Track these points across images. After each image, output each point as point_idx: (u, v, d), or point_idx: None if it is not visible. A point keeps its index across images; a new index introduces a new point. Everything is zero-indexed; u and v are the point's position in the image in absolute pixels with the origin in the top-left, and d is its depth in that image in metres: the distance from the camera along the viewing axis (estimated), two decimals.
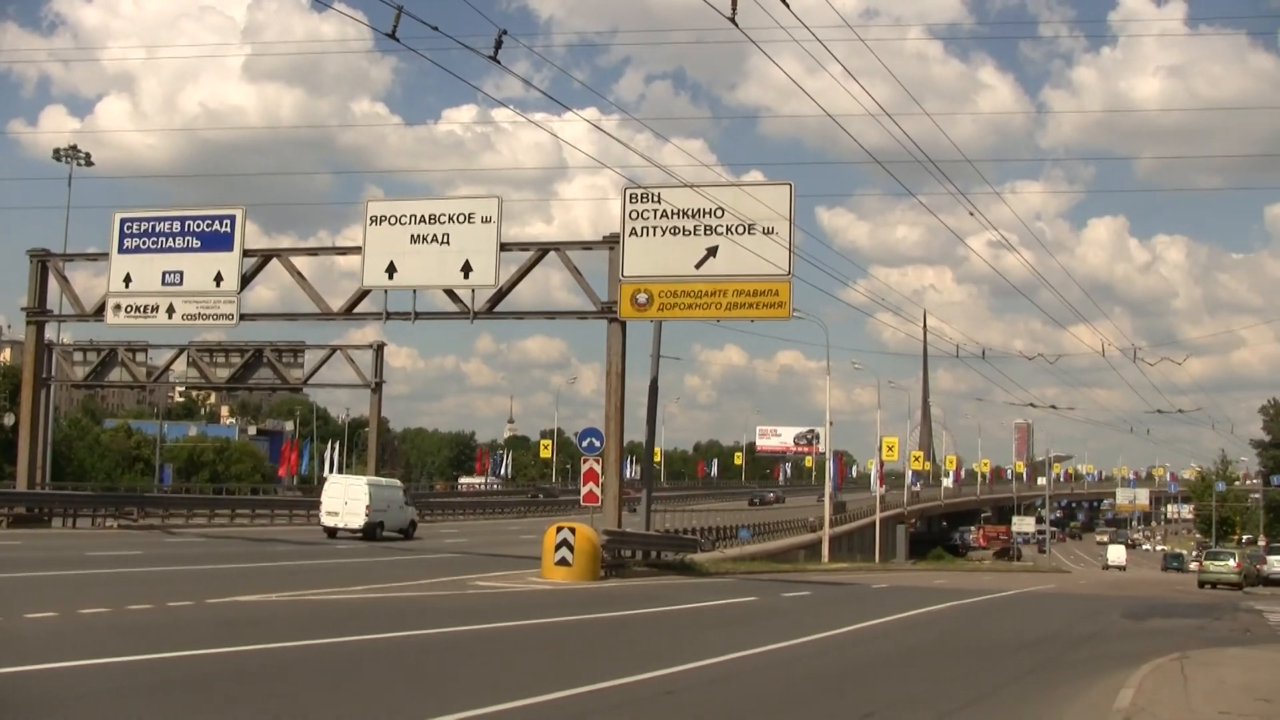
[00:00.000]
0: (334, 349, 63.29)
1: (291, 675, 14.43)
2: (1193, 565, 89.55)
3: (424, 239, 40.44)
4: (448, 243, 40.18)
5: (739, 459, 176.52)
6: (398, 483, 60.13)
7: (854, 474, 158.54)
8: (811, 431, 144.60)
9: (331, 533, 49.03)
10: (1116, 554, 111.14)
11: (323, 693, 13.30)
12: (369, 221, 41.13)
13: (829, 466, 79.43)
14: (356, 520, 48.65)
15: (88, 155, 72.33)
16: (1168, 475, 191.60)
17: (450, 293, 41.09)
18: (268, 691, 13.03)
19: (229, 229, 43.29)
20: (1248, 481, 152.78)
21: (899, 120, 26.14)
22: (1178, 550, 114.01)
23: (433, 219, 40.57)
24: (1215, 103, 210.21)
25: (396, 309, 41.82)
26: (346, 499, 49.54)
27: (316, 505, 53.36)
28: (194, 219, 43.79)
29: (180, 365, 55.46)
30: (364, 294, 41.93)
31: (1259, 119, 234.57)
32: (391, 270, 40.60)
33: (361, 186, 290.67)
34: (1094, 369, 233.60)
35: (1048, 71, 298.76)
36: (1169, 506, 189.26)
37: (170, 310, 43.26)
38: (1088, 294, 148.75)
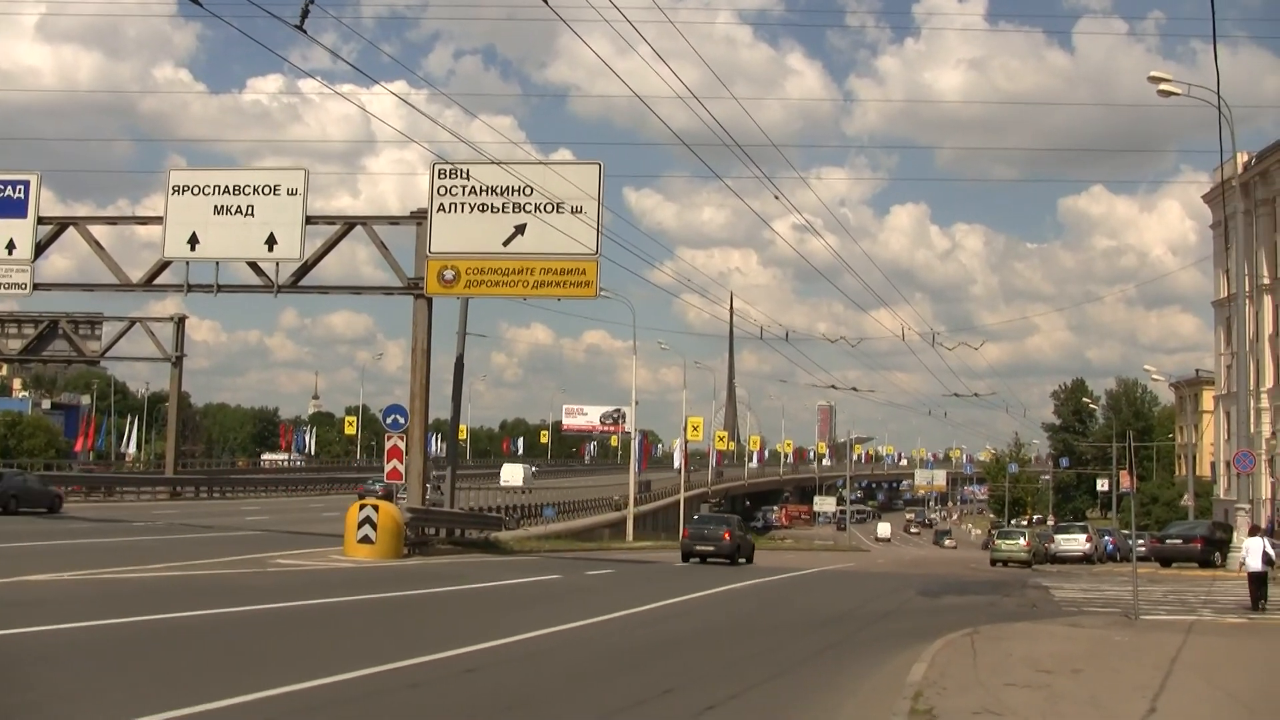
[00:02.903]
0: (133, 321, 61.87)
1: (59, 660, 13.90)
2: (948, 542, 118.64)
3: (228, 210, 39.63)
4: (252, 214, 39.45)
5: (545, 437, 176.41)
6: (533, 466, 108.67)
7: (659, 453, 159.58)
8: (617, 411, 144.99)
9: None
10: (883, 529, 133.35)
11: (85, 679, 12.81)
12: (171, 191, 40.14)
13: (634, 446, 79.73)
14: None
15: None
16: (964, 457, 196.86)
17: (254, 265, 40.34)
18: (19, 682, 12.35)
19: (22, 195, 41.78)
20: (1038, 463, 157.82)
21: (707, 103, 26.27)
22: (946, 528, 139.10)
23: (237, 190, 39.78)
24: (1013, 96, 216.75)
25: (199, 281, 40.95)
26: (515, 474, 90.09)
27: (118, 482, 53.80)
28: None
29: None
30: (165, 265, 40.91)
31: (1054, 114, 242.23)
32: (194, 241, 39.70)
33: (163, 155, 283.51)
34: (894, 352, 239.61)
35: (854, 60, 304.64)
36: (965, 487, 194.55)
37: None
38: (889, 279, 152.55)
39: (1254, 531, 30.67)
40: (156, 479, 71.04)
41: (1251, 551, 28.18)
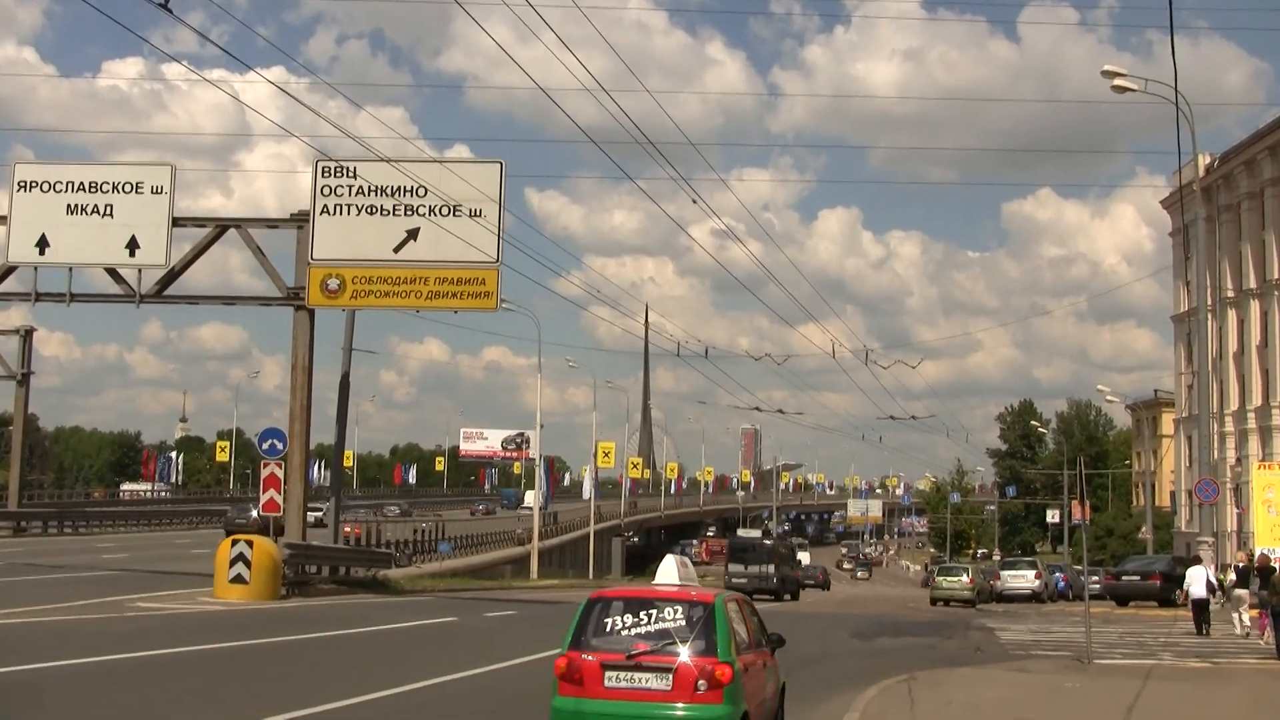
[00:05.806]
0: None
1: None
2: (860, 574, 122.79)
3: (83, 210, 39.09)
4: (111, 215, 38.94)
5: (440, 464, 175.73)
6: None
7: (567, 481, 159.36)
8: (521, 435, 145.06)
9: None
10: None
11: None
12: (16, 187, 39.55)
13: (539, 473, 79.47)
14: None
15: None
16: (902, 486, 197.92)
17: (113, 272, 39.87)
18: None
19: None
20: (982, 492, 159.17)
21: (617, 97, 26.29)
22: (865, 561, 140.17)
23: (94, 187, 39.25)
24: (952, 91, 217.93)
25: (48, 289, 40.34)
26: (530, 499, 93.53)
27: None
28: None
29: None
30: (9, 271, 40.30)
31: (997, 111, 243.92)
32: (43, 245, 39.12)
33: (6, 146, 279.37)
34: (824, 371, 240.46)
35: (779, 51, 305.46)
36: (903, 519, 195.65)
37: None
38: (818, 290, 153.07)
39: (1195, 561, 34.25)
40: None
41: (1195, 580, 32.07)
